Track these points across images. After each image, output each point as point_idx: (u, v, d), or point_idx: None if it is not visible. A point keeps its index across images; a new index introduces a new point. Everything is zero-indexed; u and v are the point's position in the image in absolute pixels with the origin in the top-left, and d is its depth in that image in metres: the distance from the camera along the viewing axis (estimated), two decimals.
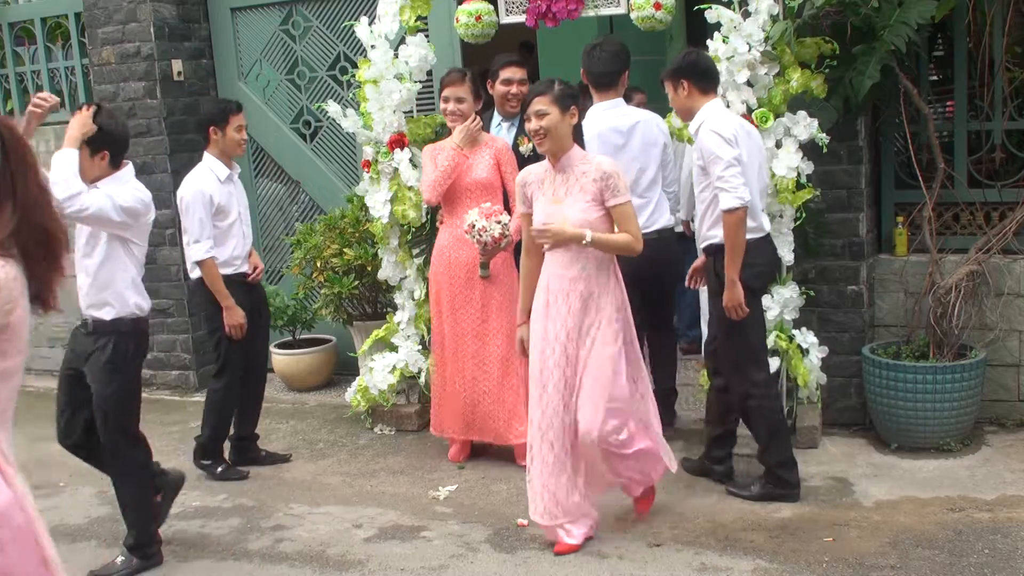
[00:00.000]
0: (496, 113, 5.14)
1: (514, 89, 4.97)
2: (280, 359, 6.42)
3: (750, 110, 4.55)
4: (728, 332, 4.14)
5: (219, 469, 4.99)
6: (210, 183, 4.76)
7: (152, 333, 6.66)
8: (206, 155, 4.86)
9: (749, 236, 4.01)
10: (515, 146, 4.96)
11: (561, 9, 4.93)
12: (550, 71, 9.09)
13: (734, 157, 3.94)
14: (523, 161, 4.82)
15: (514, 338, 4.58)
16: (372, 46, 5.25)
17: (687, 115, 4.20)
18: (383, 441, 5.35)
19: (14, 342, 2.05)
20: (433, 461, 4.99)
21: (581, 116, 3.87)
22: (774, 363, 4.59)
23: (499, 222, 4.49)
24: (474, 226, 4.47)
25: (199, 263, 4.74)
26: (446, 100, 4.84)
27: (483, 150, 4.77)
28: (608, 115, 4.75)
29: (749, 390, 4.17)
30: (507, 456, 4.91)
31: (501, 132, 5.08)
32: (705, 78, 4.15)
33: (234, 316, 4.80)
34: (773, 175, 4.56)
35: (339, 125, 5.61)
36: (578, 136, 3.85)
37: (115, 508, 4.73)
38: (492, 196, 4.73)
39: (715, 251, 4.10)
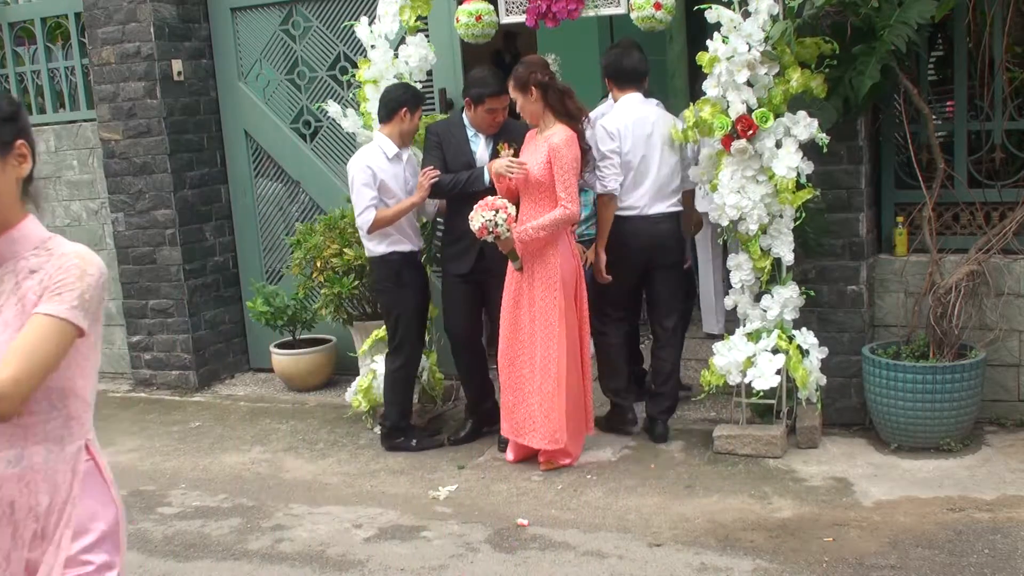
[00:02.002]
0: (470, 124, 4.98)
1: (499, 117, 4.91)
2: (280, 359, 6.42)
3: (750, 110, 4.55)
4: (590, 282, 4.98)
5: (414, 442, 5.10)
6: (376, 159, 4.94)
7: (152, 333, 6.72)
8: (377, 133, 5.00)
9: (620, 214, 4.84)
10: (495, 153, 4.88)
11: (561, 9, 4.93)
12: None
13: (610, 150, 4.76)
14: None
15: (552, 342, 4.62)
16: (372, 46, 5.25)
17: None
18: None
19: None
20: (433, 461, 4.99)
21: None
22: (776, 361, 4.61)
23: (483, 216, 4.45)
24: (472, 219, 4.49)
25: (369, 230, 4.95)
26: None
27: (542, 145, 4.61)
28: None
29: (599, 328, 5.04)
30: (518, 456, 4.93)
31: (479, 144, 4.97)
32: (620, 76, 4.95)
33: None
34: (773, 175, 4.57)
35: (339, 125, 5.61)
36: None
37: None
38: (545, 195, 4.60)
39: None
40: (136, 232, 6.62)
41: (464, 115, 5.00)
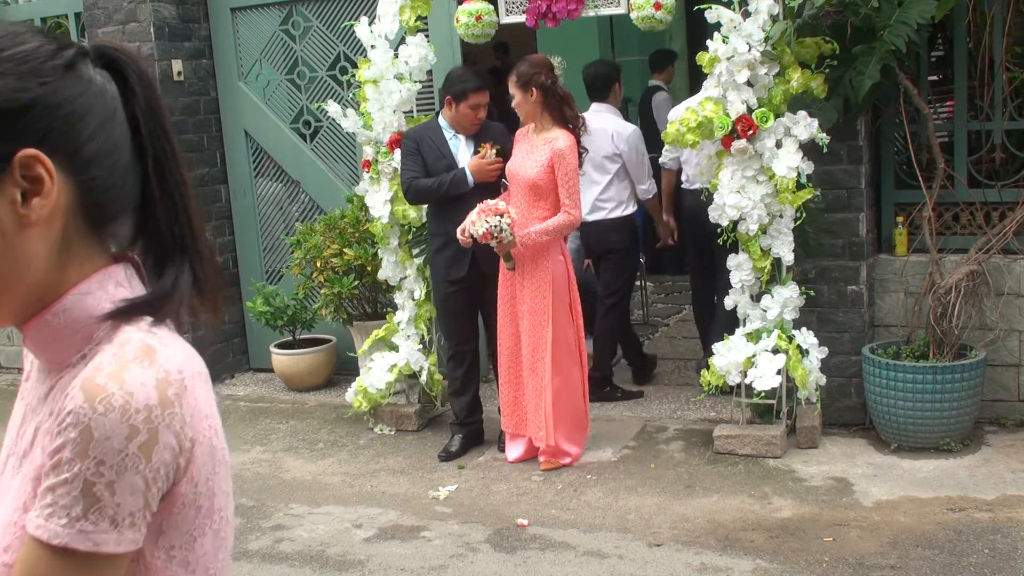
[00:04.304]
0: (448, 126, 4.94)
1: (481, 114, 4.86)
2: (280, 359, 6.42)
3: (750, 110, 4.55)
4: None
5: (619, 393, 5.65)
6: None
7: None
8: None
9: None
10: (475, 153, 4.86)
11: (561, 9, 4.93)
12: None
13: None
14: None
15: (540, 343, 4.62)
16: (372, 46, 5.25)
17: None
18: (383, 441, 5.35)
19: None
20: (433, 461, 4.99)
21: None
22: (776, 361, 4.61)
23: (487, 222, 4.43)
24: (474, 223, 4.46)
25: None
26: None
27: (541, 147, 4.59)
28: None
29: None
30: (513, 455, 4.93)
31: (459, 146, 4.93)
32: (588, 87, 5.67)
33: None
34: (773, 175, 4.57)
35: (339, 125, 5.61)
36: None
37: None
38: (542, 198, 4.59)
39: None
40: None
41: (441, 117, 4.96)
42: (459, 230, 4.56)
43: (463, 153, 4.93)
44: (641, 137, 5.64)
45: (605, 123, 5.50)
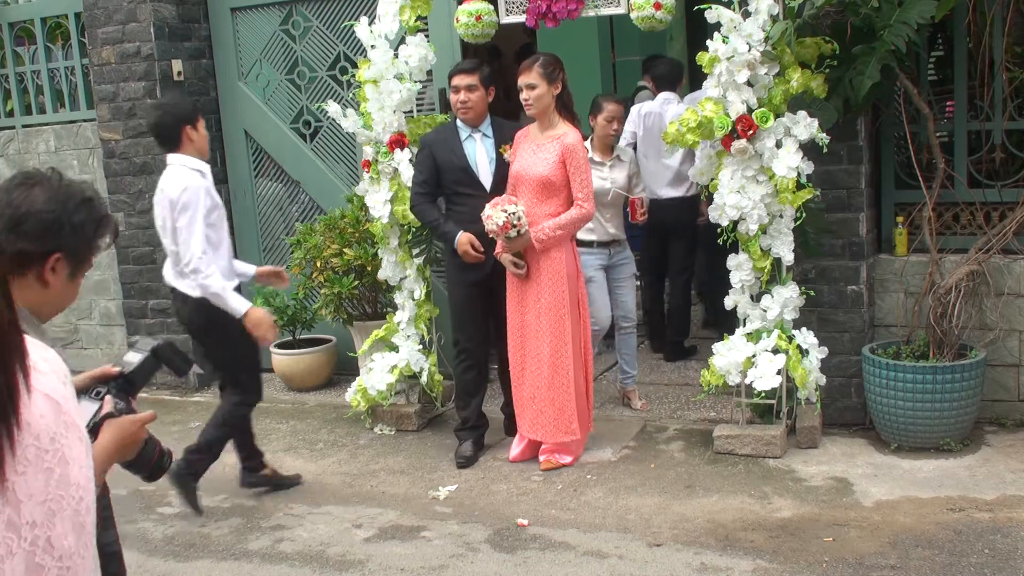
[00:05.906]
0: (463, 126, 4.92)
1: (462, 96, 4.82)
2: (280, 359, 6.42)
3: (750, 110, 4.55)
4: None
5: None
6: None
7: (152, 333, 6.71)
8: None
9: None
10: (499, 156, 4.87)
11: (561, 9, 4.93)
12: None
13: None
14: (508, 168, 4.79)
15: (563, 336, 4.62)
16: (372, 46, 5.25)
17: None
18: (383, 441, 5.36)
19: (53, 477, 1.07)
20: (433, 461, 4.99)
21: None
22: (776, 361, 4.60)
23: (504, 211, 4.46)
24: (490, 217, 4.48)
25: None
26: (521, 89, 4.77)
27: (548, 144, 4.61)
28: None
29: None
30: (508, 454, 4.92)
31: (474, 143, 4.90)
32: (660, 78, 6.35)
33: None
34: (773, 175, 4.57)
35: (339, 125, 5.60)
36: None
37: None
38: (553, 195, 4.60)
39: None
40: (136, 232, 6.62)
41: (458, 119, 4.97)
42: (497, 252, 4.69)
43: (481, 155, 4.91)
44: None
45: (679, 108, 6.00)
